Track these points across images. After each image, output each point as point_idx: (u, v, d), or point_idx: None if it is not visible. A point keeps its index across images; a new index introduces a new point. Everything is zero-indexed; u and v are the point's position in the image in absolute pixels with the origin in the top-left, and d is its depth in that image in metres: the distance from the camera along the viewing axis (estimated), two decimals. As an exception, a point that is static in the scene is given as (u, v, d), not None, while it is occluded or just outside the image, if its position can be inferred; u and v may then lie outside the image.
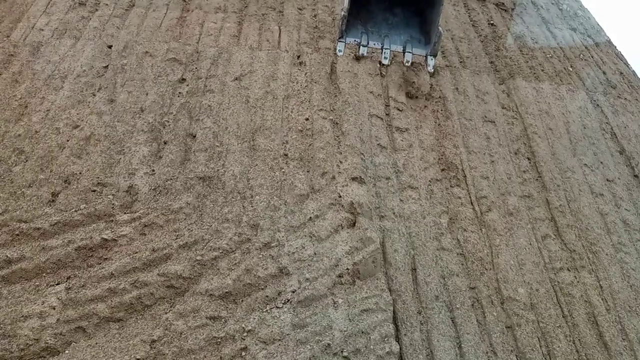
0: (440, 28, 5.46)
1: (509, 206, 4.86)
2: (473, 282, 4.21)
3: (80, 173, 4.36)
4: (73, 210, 4.06)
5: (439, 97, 5.79)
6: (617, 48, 7.99)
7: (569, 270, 4.48)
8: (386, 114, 5.52)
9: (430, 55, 5.78)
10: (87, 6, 6.41)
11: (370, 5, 6.14)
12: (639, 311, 4.32)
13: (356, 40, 5.81)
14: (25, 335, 3.29)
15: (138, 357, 3.34)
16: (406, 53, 5.77)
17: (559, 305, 4.22)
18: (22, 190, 4.16)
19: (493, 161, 5.27)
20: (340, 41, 5.79)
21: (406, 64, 5.71)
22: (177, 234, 4.04)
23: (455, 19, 7.55)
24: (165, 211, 4.18)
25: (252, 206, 4.32)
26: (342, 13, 5.60)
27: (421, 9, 6.04)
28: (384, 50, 5.76)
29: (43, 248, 3.80)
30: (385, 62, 5.74)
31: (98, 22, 6.15)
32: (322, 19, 6.93)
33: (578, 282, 4.42)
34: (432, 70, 5.79)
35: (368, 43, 5.81)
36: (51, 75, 5.27)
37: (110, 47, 5.72)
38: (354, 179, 4.68)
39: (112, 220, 4.05)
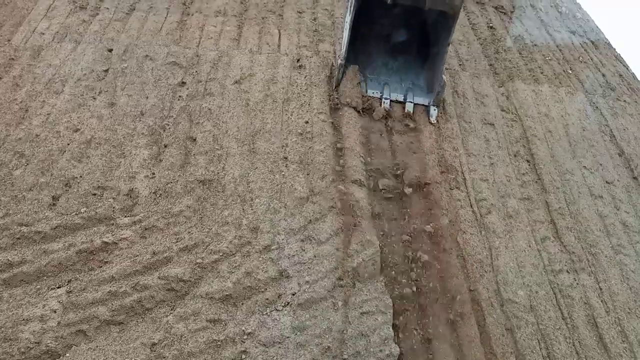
0: (444, 77, 5.21)
1: (508, 208, 4.88)
2: (473, 284, 4.22)
3: (80, 176, 4.37)
4: (74, 213, 4.08)
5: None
6: (616, 50, 8.02)
7: (569, 273, 4.49)
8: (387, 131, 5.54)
9: (433, 106, 5.46)
10: (87, 10, 6.45)
11: (369, 48, 5.76)
12: (638, 313, 4.33)
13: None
14: (26, 339, 3.30)
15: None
16: (407, 103, 5.44)
17: (559, 308, 4.23)
18: (23, 193, 4.18)
19: (492, 164, 5.29)
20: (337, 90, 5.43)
21: (407, 114, 5.39)
22: (178, 237, 4.05)
23: (455, 22, 7.57)
24: (166, 214, 4.19)
25: (252, 209, 4.33)
26: (339, 61, 5.29)
27: (423, 52, 5.69)
28: (383, 100, 5.42)
29: (44, 251, 3.81)
30: (386, 106, 5.41)
31: (99, 25, 6.17)
32: (321, 22, 6.95)
33: (577, 284, 4.42)
34: (435, 120, 5.40)
35: (367, 91, 5.50)
36: (52, 79, 5.29)
37: (110, 50, 5.75)
38: (354, 181, 4.69)
39: (113, 224, 4.07)
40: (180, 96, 5.30)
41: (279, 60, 5.97)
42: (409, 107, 5.40)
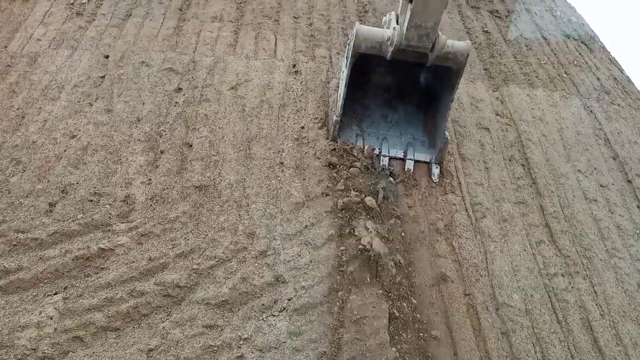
0: (446, 134, 4.84)
1: (503, 212, 4.90)
2: (468, 288, 4.24)
3: (77, 183, 4.39)
4: (70, 220, 4.09)
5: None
6: (610, 53, 8.07)
7: (564, 276, 4.51)
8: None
9: (435, 163, 5.05)
10: (84, 16, 6.47)
11: (366, 99, 5.36)
12: (633, 316, 4.35)
13: (351, 143, 5.04)
14: (23, 345, 3.31)
15: (135, 366, 3.37)
16: (407, 160, 5.05)
17: (554, 311, 4.25)
18: (20, 200, 4.19)
19: (487, 168, 5.32)
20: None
21: (407, 172, 4.98)
22: (174, 243, 4.06)
23: (450, 26, 7.62)
24: (162, 220, 4.20)
25: (248, 214, 4.35)
26: (335, 117, 4.90)
27: (425, 103, 5.32)
28: (382, 157, 4.98)
29: (40, 258, 3.82)
30: (384, 163, 4.98)
31: (95, 32, 6.20)
32: (317, 27, 6.99)
33: (572, 287, 4.45)
34: (437, 179, 5.00)
35: (364, 147, 5.03)
36: (48, 86, 5.31)
37: (107, 57, 5.77)
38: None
39: (109, 230, 4.08)
40: (176, 102, 5.32)
41: (274, 65, 6.00)
42: (410, 164, 5.03)
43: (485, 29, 7.75)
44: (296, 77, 5.88)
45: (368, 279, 4.05)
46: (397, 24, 4.32)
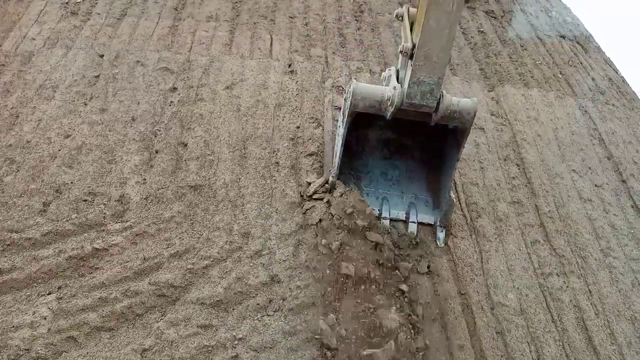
0: (452, 195, 4.37)
1: (498, 212, 4.91)
2: (463, 288, 4.24)
3: (71, 182, 4.37)
4: (64, 219, 4.07)
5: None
6: (605, 54, 8.10)
7: (558, 276, 4.52)
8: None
9: (440, 227, 4.58)
10: (79, 15, 6.45)
11: (364, 155, 4.86)
12: (627, 315, 4.37)
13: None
14: (16, 346, 3.29)
15: (129, 366, 3.36)
16: (410, 223, 4.56)
17: (549, 310, 4.26)
18: (13, 200, 4.17)
19: (482, 168, 5.32)
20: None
21: (410, 236, 4.50)
22: (168, 242, 4.05)
23: (446, 27, 7.61)
24: (157, 220, 4.19)
25: (243, 214, 4.34)
26: (330, 178, 4.47)
27: (428, 160, 4.84)
28: (382, 220, 4.48)
29: (34, 258, 3.80)
30: (385, 225, 4.51)
31: (90, 31, 6.18)
32: (313, 27, 6.99)
33: (567, 287, 4.46)
34: (443, 244, 4.53)
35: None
36: (42, 85, 5.29)
37: (102, 56, 5.75)
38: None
39: (104, 230, 4.06)
40: (171, 102, 5.31)
41: (270, 65, 5.99)
42: (412, 227, 4.53)
43: (481, 29, 7.76)
44: (292, 77, 5.87)
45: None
46: (398, 81, 3.97)
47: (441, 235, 4.55)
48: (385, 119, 4.06)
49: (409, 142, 4.84)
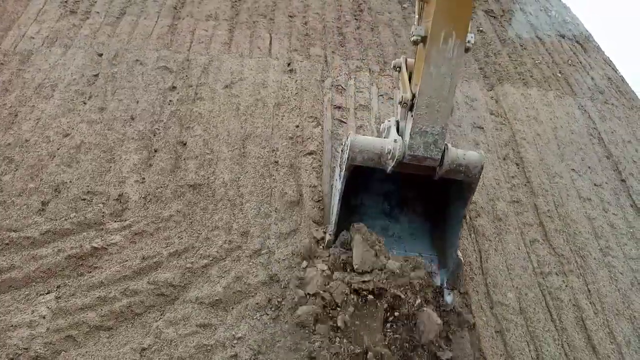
0: (459, 254, 3.97)
1: (497, 211, 4.91)
2: (462, 287, 4.24)
3: (70, 181, 4.36)
4: (63, 218, 4.06)
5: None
6: (605, 53, 8.10)
7: (558, 275, 4.52)
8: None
9: (447, 289, 4.12)
10: (78, 14, 6.43)
11: (363, 209, 4.47)
12: (626, 314, 4.37)
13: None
14: (15, 345, 3.28)
15: (128, 365, 3.35)
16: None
17: (548, 309, 4.26)
18: (12, 199, 4.16)
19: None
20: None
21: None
22: (168, 241, 4.05)
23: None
24: (156, 219, 4.18)
25: (242, 213, 4.34)
26: (328, 235, 4.17)
27: (432, 215, 4.46)
28: None
29: (33, 257, 3.79)
30: None
31: (89, 30, 6.17)
32: (312, 26, 6.98)
33: (566, 286, 4.46)
34: (452, 305, 4.05)
35: None
36: (41, 84, 5.28)
37: (100, 55, 5.74)
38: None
39: (102, 229, 4.06)
40: (170, 100, 5.30)
41: (269, 64, 5.98)
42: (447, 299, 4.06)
43: (480, 29, 7.76)
44: (291, 76, 5.87)
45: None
46: (398, 132, 3.78)
47: (449, 298, 4.08)
48: (386, 172, 3.78)
49: (411, 195, 4.48)
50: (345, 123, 5.47)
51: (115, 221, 4.13)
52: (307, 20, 7.10)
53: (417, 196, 4.47)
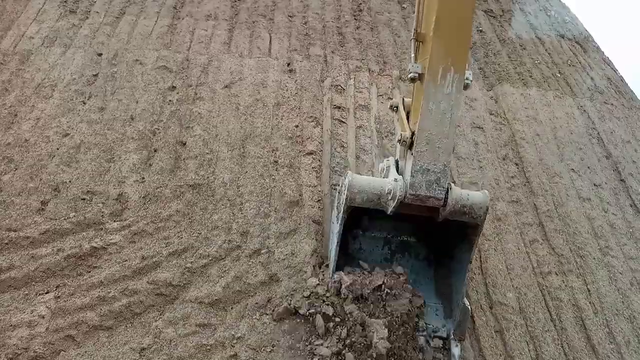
0: (465, 302, 3.72)
1: (497, 211, 4.91)
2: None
3: (70, 181, 4.36)
4: (62, 218, 4.06)
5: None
6: (604, 53, 8.10)
7: (557, 275, 4.52)
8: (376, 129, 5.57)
9: (455, 340, 3.82)
10: (77, 14, 6.43)
11: (362, 255, 4.16)
12: (626, 314, 4.37)
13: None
14: (14, 345, 3.28)
15: (127, 365, 3.35)
16: (419, 336, 3.82)
17: (547, 309, 4.26)
18: (12, 198, 4.16)
19: (481, 167, 5.32)
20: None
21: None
22: (167, 241, 4.04)
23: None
24: (155, 219, 4.18)
25: (242, 213, 4.33)
26: (330, 283, 3.88)
27: (435, 260, 4.20)
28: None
29: (32, 257, 3.79)
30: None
31: (89, 30, 6.16)
32: (312, 26, 6.98)
33: (566, 286, 4.46)
34: (460, 359, 3.77)
35: None
36: (41, 84, 5.27)
37: (100, 55, 5.74)
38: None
39: (102, 229, 4.05)
40: (170, 100, 5.30)
41: (269, 64, 5.98)
42: (422, 341, 3.76)
43: (480, 29, 7.76)
44: (291, 76, 5.86)
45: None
46: (398, 172, 3.62)
47: (456, 350, 3.77)
48: (386, 214, 3.59)
49: (413, 239, 4.20)
50: (345, 123, 5.47)
51: (114, 221, 4.13)
52: (306, 20, 7.10)
53: (419, 240, 4.20)
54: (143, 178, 4.49)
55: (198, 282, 3.82)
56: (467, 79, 3.28)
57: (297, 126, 5.22)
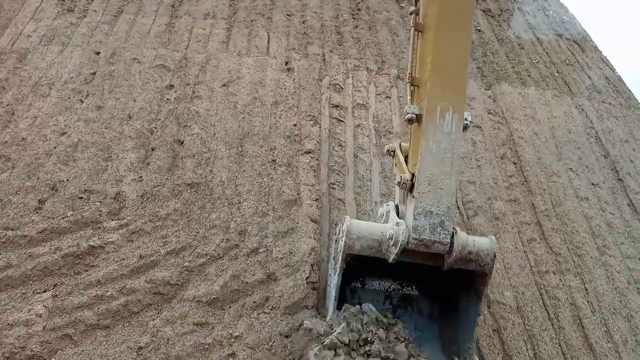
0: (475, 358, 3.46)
1: (495, 210, 4.91)
2: None
3: (67, 180, 4.35)
4: (60, 217, 4.05)
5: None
6: (602, 53, 8.11)
7: (555, 274, 4.53)
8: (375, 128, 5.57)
9: None
10: (75, 13, 6.41)
11: (362, 307, 3.67)
12: (623, 313, 4.37)
13: None
14: (11, 344, 3.27)
15: (125, 364, 3.34)
16: None
17: (545, 308, 4.26)
18: (9, 197, 4.15)
19: (479, 166, 5.32)
20: None
21: None
22: (165, 240, 4.04)
23: (443, 25, 7.61)
24: (153, 218, 4.17)
25: (239, 212, 4.33)
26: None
27: (441, 314, 3.88)
28: None
29: (30, 255, 3.78)
30: None
31: (86, 28, 6.15)
32: (310, 24, 6.97)
33: (563, 285, 4.46)
34: None
35: None
36: (38, 82, 5.26)
37: (98, 53, 5.72)
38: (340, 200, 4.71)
39: (99, 227, 4.04)
40: (168, 99, 5.29)
41: (267, 63, 5.97)
42: None
43: (478, 28, 7.76)
44: (289, 75, 5.86)
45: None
46: (399, 216, 3.38)
47: None
48: (386, 266, 3.36)
49: (415, 293, 3.93)
50: (343, 122, 5.47)
51: (112, 220, 4.12)
52: (305, 19, 7.09)
53: (422, 293, 3.92)
54: (141, 177, 4.48)
55: (196, 281, 3.81)
56: (466, 119, 3.19)
57: (295, 125, 5.21)
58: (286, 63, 6.03)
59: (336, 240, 3.59)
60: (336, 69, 6.15)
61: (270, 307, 3.75)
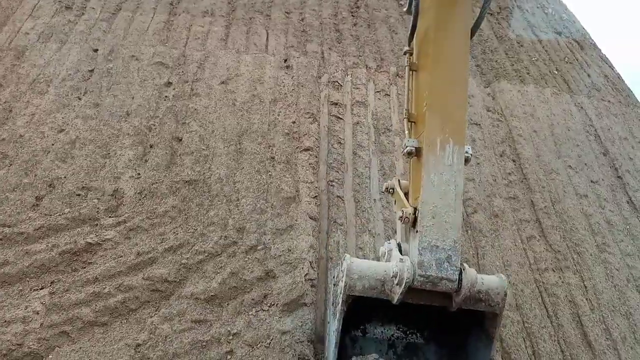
0: None
1: (494, 208, 4.90)
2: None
3: (65, 177, 4.33)
4: (57, 214, 4.04)
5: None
6: (601, 51, 8.10)
7: (554, 271, 4.52)
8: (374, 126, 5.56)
9: None
10: (73, 10, 6.40)
11: (363, 353, 3.56)
12: (622, 311, 4.37)
13: None
14: (8, 341, 3.26)
15: (123, 361, 3.33)
16: None
17: (544, 306, 4.25)
18: (6, 194, 4.13)
19: (478, 163, 5.31)
20: None
21: None
22: (163, 237, 4.02)
23: (442, 23, 7.60)
24: (151, 215, 4.16)
25: (238, 209, 4.31)
26: None
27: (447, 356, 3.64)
28: None
29: (27, 252, 3.76)
30: None
31: (84, 25, 6.13)
32: (309, 22, 6.96)
33: (563, 282, 4.45)
34: None
35: None
36: (36, 79, 5.24)
37: (96, 50, 5.70)
38: (339, 197, 4.70)
39: (97, 224, 4.03)
40: (166, 96, 5.27)
41: (266, 60, 5.96)
42: None
43: (477, 26, 7.74)
44: (287, 72, 5.84)
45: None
46: (402, 254, 3.24)
47: None
48: (389, 309, 3.18)
49: (420, 341, 3.67)
50: (342, 119, 5.45)
51: (110, 217, 4.11)
52: (303, 16, 7.08)
53: (428, 340, 3.66)
54: (139, 174, 4.47)
55: (194, 278, 3.80)
56: (467, 152, 3.05)
57: (294, 122, 5.20)
58: (285, 60, 6.02)
59: (334, 284, 3.37)
60: (335, 66, 6.14)
61: (269, 305, 3.74)
